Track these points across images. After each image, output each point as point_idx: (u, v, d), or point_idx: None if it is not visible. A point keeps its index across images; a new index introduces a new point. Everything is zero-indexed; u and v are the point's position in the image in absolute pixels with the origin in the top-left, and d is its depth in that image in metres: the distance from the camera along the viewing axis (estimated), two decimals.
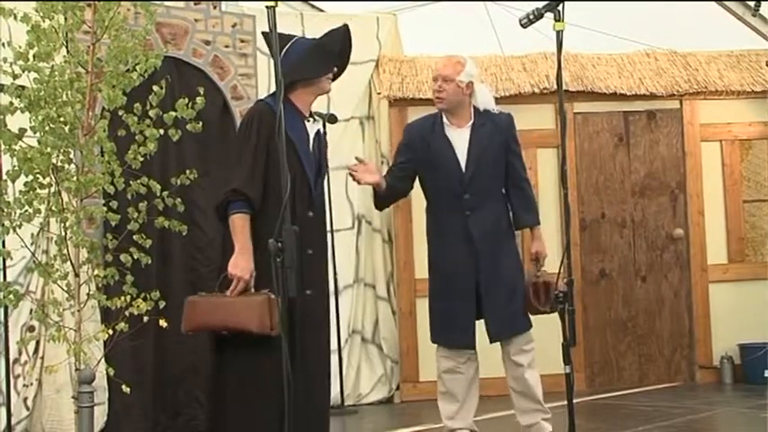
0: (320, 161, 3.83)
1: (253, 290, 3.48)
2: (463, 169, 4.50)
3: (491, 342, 4.51)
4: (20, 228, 4.05)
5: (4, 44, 4.05)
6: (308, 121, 3.78)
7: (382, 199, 4.55)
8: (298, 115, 3.71)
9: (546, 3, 3.63)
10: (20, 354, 5.13)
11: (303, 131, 3.72)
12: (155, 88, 4.24)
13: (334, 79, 3.85)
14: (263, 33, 4.19)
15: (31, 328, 5.10)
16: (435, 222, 4.62)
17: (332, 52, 3.79)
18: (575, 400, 3.64)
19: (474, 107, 4.60)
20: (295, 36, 3.86)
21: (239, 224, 3.51)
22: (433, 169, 4.54)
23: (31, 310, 5.00)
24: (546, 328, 4.45)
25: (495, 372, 4.64)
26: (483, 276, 4.46)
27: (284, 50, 3.70)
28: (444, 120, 4.58)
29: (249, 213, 3.52)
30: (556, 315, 3.76)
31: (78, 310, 4.09)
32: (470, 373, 4.52)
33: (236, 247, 3.49)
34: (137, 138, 4.25)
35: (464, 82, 4.52)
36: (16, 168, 3.98)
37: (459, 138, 4.54)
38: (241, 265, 3.46)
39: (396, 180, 4.54)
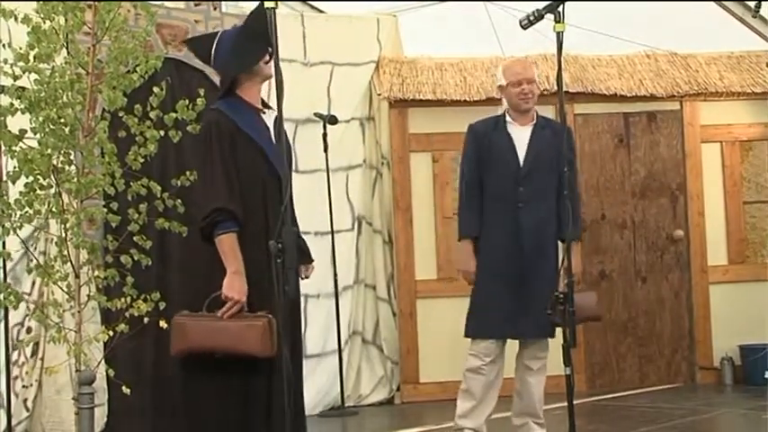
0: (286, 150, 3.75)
1: (246, 309, 3.37)
2: (521, 164, 4.58)
3: (517, 335, 4.55)
4: (20, 229, 4.05)
5: (4, 45, 4.06)
6: (263, 112, 3.63)
7: None
8: (250, 110, 3.58)
9: (546, 4, 3.63)
10: (18, 355, 5.12)
11: (260, 125, 3.58)
12: (155, 89, 4.25)
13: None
14: (185, 42, 4.09)
15: (29, 330, 5.09)
16: (486, 216, 4.63)
17: (261, 33, 3.43)
18: (575, 402, 3.64)
19: (536, 110, 4.71)
20: (216, 32, 3.73)
21: (229, 244, 3.37)
22: (491, 163, 4.62)
23: (27, 311, 5.00)
24: None
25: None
26: (525, 272, 4.49)
27: (213, 49, 3.60)
28: (508, 118, 4.67)
29: (237, 231, 3.40)
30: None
31: (79, 312, 4.09)
32: (491, 376, 4.54)
33: (229, 269, 3.36)
34: (137, 139, 4.25)
35: (538, 82, 4.70)
36: (17, 169, 3.98)
37: (521, 135, 4.63)
38: (237, 287, 3.34)
39: (479, 196, 4.64)
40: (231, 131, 3.48)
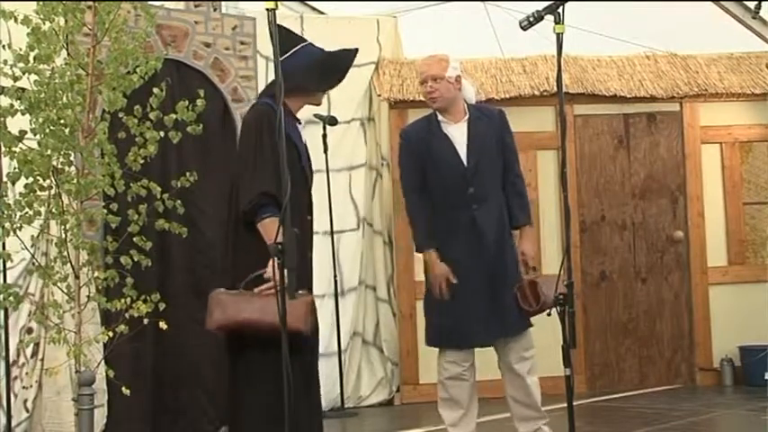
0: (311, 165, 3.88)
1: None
2: (465, 163, 4.44)
3: (492, 341, 4.45)
4: (20, 230, 4.05)
5: (4, 46, 4.05)
6: (300, 122, 3.82)
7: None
8: (291, 117, 3.70)
9: (546, 5, 3.63)
10: (18, 356, 5.13)
11: (300, 137, 3.75)
12: (155, 90, 4.25)
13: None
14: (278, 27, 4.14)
15: (30, 330, 5.10)
16: (439, 222, 4.49)
17: (343, 70, 3.82)
18: (575, 403, 3.63)
19: (465, 102, 4.58)
20: (305, 40, 3.84)
21: (273, 228, 3.38)
22: (435, 167, 4.47)
23: (30, 312, 5.00)
24: (546, 331, 4.44)
25: (495, 374, 4.62)
26: (491, 272, 4.39)
27: (292, 51, 3.69)
28: (440, 117, 4.52)
29: (278, 216, 3.44)
30: (556, 317, 3.75)
31: (78, 313, 4.09)
32: (473, 379, 4.45)
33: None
34: (137, 140, 4.25)
35: (453, 77, 4.48)
36: (16, 170, 3.98)
37: (458, 132, 4.48)
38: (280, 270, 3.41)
39: (426, 200, 4.51)
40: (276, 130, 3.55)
